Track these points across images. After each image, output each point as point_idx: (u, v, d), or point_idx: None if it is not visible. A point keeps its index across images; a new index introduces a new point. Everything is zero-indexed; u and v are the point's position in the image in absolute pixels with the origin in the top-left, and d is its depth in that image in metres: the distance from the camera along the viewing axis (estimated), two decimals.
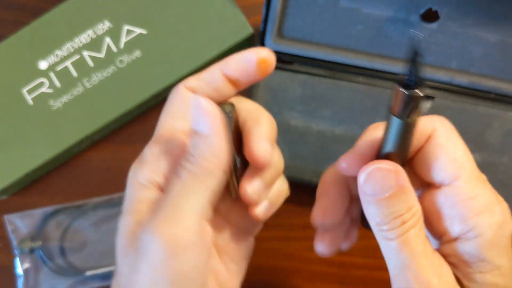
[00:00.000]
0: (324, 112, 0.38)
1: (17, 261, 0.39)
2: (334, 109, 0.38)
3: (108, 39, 0.39)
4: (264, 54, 0.23)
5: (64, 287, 0.39)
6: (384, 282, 0.23)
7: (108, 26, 0.39)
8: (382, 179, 0.20)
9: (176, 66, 0.38)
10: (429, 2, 0.35)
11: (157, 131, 0.24)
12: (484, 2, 0.35)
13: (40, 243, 0.39)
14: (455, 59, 0.37)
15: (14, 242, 0.39)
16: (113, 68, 0.39)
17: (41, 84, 0.39)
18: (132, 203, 0.22)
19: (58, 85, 0.39)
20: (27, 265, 0.39)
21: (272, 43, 0.37)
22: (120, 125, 0.41)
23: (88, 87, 0.39)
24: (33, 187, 0.41)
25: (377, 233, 0.21)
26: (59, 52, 0.39)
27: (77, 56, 0.39)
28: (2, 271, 0.40)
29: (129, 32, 0.39)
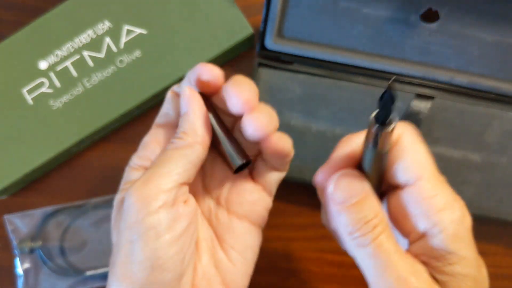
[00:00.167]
0: (324, 112, 0.38)
1: (17, 261, 0.39)
2: (334, 109, 0.38)
3: (108, 39, 0.39)
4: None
5: (64, 287, 0.39)
6: None
7: (108, 26, 0.39)
8: (350, 185, 0.22)
9: (176, 66, 0.38)
10: (429, 2, 0.35)
11: (152, 126, 0.28)
12: (484, 2, 0.35)
13: (40, 243, 0.39)
14: (455, 59, 0.37)
15: (14, 242, 0.39)
16: (113, 68, 0.39)
17: (41, 84, 0.39)
18: (123, 183, 0.26)
19: (58, 85, 0.39)
20: (27, 265, 0.39)
21: (272, 43, 0.37)
22: (120, 125, 0.41)
23: (88, 87, 0.39)
24: (33, 187, 0.41)
25: (351, 243, 0.22)
26: (59, 52, 0.39)
27: (77, 56, 0.39)
28: (2, 271, 0.40)
29: (129, 32, 0.39)
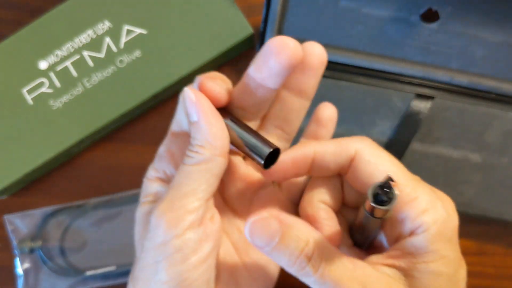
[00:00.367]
0: None
1: (17, 261, 0.39)
2: None
3: (108, 39, 0.39)
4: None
5: (64, 287, 0.39)
6: None
7: (108, 26, 0.39)
8: (264, 228, 0.21)
9: (176, 66, 0.38)
10: (429, 2, 0.35)
11: (167, 133, 0.26)
12: (484, 2, 0.35)
13: (40, 243, 0.39)
14: (455, 59, 0.37)
15: (14, 242, 0.39)
16: (113, 68, 0.39)
17: (41, 84, 0.39)
18: (143, 196, 0.25)
19: (58, 85, 0.39)
20: (27, 265, 0.39)
21: None
22: (120, 125, 0.41)
23: (88, 87, 0.39)
24: (33, 187, 0.41)
25: (295, 274, 0.21)
26: (59, 52, 0.39)
27: (77, 56, 0.39)
28: (2, 271, 0.40)
29: (129, 32, 0.39)
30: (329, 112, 0.27)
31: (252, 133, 0.24)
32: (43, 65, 0.39)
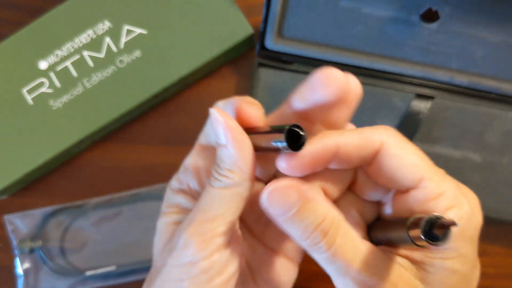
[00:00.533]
0: None
1: (17, 261, 0.39)
2: None
3: (108, 39, 0.39)
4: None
5: (64, 287, 0.39)
6: None
7: (108, 26, 0.39)
8: (283, 197, 0.21)
9: (176, 66, 0.38)
10: (429, 2, 0.35)
11: (195, 145, 0.26)
12: (484, 2, 0.35)
13: (40, 243, 0.39)
14: (455, 59, 0.37)
15: (14, 242, 0.39)
16: (113, 68, 0.39)
17: (41, 84, 0.39)
18: (165, 206, 0.25)
19: (58, 85, 0.39)
20: (27, 265, 0.39)
21: (272, 43, 0.37)
22: (120, 125, 0.41)
23: (88, 87, 0.39)
24: (33, 187, 0.41)
25: (307, 248, 0.21)
26: (59, 52, 0.39)
27: (77, 56, 0.39)
28: (2, 271, 0.40)
29: (129, 32, 0.39)
30: (355, 84, 0.22)
31: (270, 130, 0.22)
32: (43, 65, 0.39)
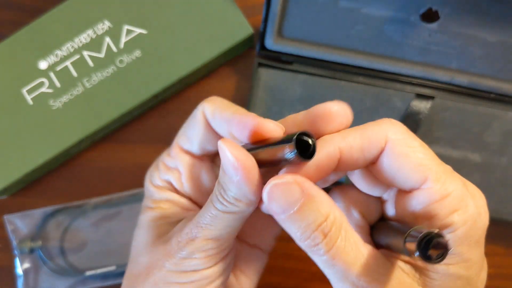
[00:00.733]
0: None
1: (17, 261, 0.39)
2: None
3: (108, 39, 0.39)
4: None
5: (64, 287, 0.39)
6: None
7: (108, 26, 0.39)
8: (285, 194, 0.20)
9: (176, 66, 0.38)
10: (429, 2, 0.35)
11: (173, 144, 0.26)
12: (484, 2, 0.35)
13: (40, 243, 0.39)
14: (455, 59, 0.37)
15: (14, 242, 0.39)
16: (113, 68, 0.39)
17: (41, 84, 0.39)
18: (152, 202, 0.26)
19: (58, 85, 0.39)
20: (27, 265, 0.39)
21: (272, 43, 0.37)
22: (120, 125, 0.41)
23: (88, 87, 0.39)
24: (33, 187, 0.41)
25: (306, 249, 0.20)
26: (59, 52, 0.39)
27: (77, 56, 0.39)
28: (2, 271, 0.40)
29: (129, 32, 0.39)
30: (338, 108, 0.22)
31: (274, 143, 0.21)
32: (43, 65, 0.39)
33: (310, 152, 0.20)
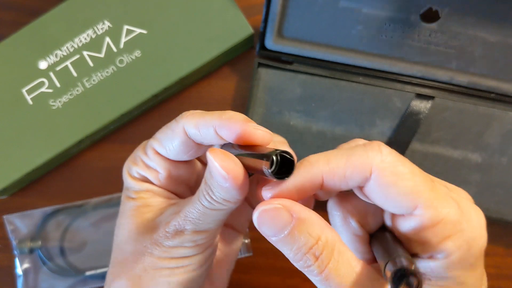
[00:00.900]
0: (324, 112, 0.38)
1: (17, 261, 0.39)
2: (334, 109, 0.38)
3: (108, 39, 0.39)
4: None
5: (64, 287, 0.39)
6: None
7: (108, 26, 0.39)
8: (274, 219, 0.20)
9: (176, 66, 0.38)
10: (429, 2, 0.35)
11: (148, 145, 0.26)
12: (484, 2, 0.35)
13: (40, 243, 0.39)
14: (455, 59, 0.37)
15: (14, 242, 0.39)
16: (113, 68, 0.39)
17: (41, 84, 0.39)
18: (133, 192, 0.26)
19: (58, 85, 0.39)
20: (27, 265, 0.39)
21: (272, 43, 0.37)
22: (120, 125, 0.41)
23: (88, 87, 0.39)
24: (33, 187, 0.41)
25: (300, 269, 0.21)
26: (59, 52, 0.39)
27: (77, 56, 0.39)
28: (2, 271, 0.40)
29: (129, 32, 0.39)
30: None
31: (255, 151, 0.21)
32: (43, 65, 0.39)
33: (285, 173, 0.20)
